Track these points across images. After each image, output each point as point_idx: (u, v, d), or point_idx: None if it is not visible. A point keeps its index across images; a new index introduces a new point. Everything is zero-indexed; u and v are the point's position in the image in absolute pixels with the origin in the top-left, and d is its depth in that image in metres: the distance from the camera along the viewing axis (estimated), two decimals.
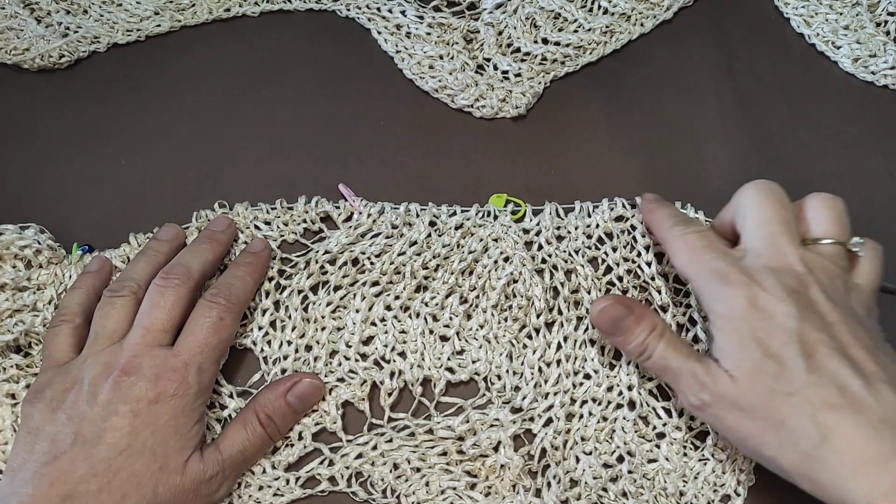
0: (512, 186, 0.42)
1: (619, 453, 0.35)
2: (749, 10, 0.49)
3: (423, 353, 0.37)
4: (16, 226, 0.39)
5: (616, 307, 0.34)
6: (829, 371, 0.29)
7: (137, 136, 0.45)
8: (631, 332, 0.33)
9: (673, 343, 0.33)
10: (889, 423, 0.27)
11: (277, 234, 0.40)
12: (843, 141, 0.44)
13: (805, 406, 0.28)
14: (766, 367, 0.29)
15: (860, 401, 0.28)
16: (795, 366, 0.29)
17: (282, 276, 0.39)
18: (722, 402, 0.30)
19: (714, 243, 0.34)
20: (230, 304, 0.35)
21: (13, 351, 0.37)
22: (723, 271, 0.32)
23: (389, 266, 0.38)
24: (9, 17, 0.47)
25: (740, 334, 0.30)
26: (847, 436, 0.28)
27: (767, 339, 0.30)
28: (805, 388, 0.29)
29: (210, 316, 0.34)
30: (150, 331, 0.34)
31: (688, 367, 0.32)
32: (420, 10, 0.48)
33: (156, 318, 0.34)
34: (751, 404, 0.30)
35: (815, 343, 0.29)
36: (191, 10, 0.49)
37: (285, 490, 0.35)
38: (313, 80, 0.47)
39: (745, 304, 0.30)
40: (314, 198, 0.41)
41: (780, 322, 0.30)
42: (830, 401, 0.28)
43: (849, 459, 0.27)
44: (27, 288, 0.38)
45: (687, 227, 0.35)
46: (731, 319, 0.31)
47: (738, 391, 0.30)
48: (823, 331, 0.30)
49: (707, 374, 0.31)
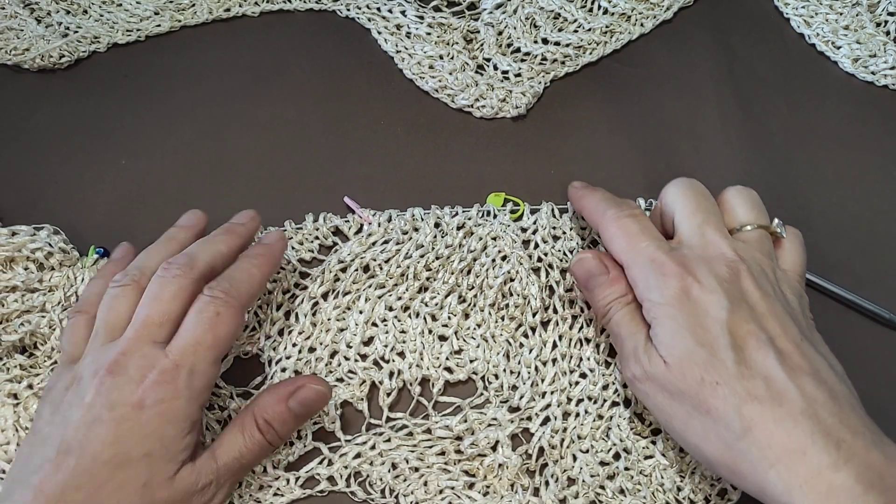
0: (512, 186, 0.42)
1: (615, 450, 0.36)
2: (749, 10, 0.49)
3: (422, 353, 0.37)
4: (30, 227, 0.39)
5: (595, 262, 0.35)
6: (756, 363, 0.29)
7: (137, 136, 0.45)
8: (602, 290, 0.34)
9: (631, 314, 0.33)
10: (809, 415, 0.28)
11: (294, 255, 0.40)
12: (843, 141, 0.44)
13: (731, 397, 0.29)
14: (696, 357, 0.30)
15: (783, 393, 0.29)
16: (725, 357, 0.30)
17: (297, 288, 0.39)
18: (654, 383, 0.31)
19: (649, 229, 0.34)
20: (229, 297, 0.32)
21: (18, 351, 0.37)
22: (658, 261, 0.32)
23: (396, 269, 0.39)
24: (9, 17, 0.47)
25: (674, 323, 0.31)
26: (768, 428, 0.28)
27: (699, 330, 0.30)
28: (732, 380, 0.29)
29: (206, 311, 0.31)
30: (145, 325, 0.31)
31: (633, 341, 0.33)
32: (420, 10, 0.48)
33: (152, 311, 0.31)
34: (680, 390, 0.30)
35: (745, 335, 0.30)
36: (191, 10, 0.49)
37: (285, 490, 0.35)
38: (313, 79, 0.47)
39: (678, 294, 0.31)
40: (321, 214, 0.41)
41: (713, 313, 0.30)
42: (755, 392, 0.29)
43: (769, 451, 0.28)
44: (38, 290, 0.38)
45: (621, 209, 0.35)
46: (665, 308, 0.31)
47: (670, 376, 0.30)
48: (753, 321, 0.30)
49: (646, 352, 0.32)
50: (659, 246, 0.33)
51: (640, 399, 0.33)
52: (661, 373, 0.31)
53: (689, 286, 0.31)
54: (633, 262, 0.33)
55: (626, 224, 0.34)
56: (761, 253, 0.33)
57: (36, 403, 0.36)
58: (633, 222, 0.34)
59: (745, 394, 0.29)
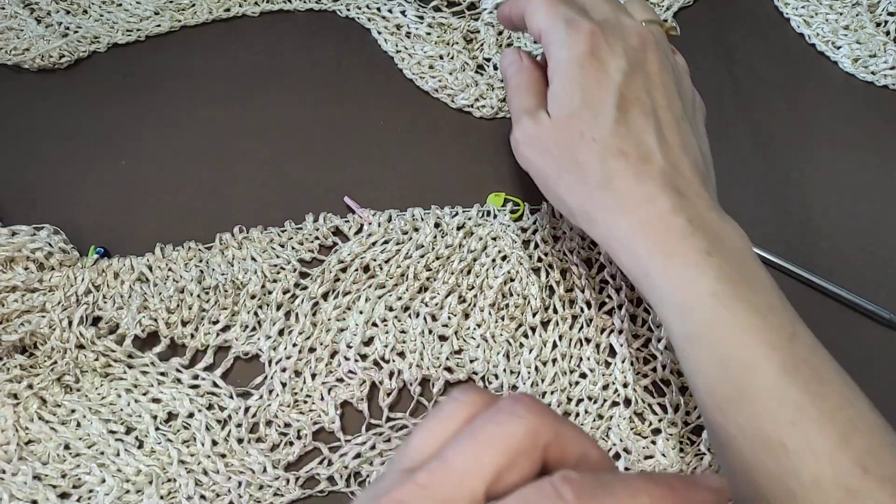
0: (512, 186, 0.42)
1: (615, 450, 0.36)
2: (749, 10, 0.49)
3: (422, 353, 0.37)
4: (30, 227, 0.39)
5: (513, 53, 0.37)
6: (635, 126, 0.32)
7: (137, 137, 0.45)
8: (512, 69, 0.36)
9: (530, 81, 0.35)
10: (666, 175, 0.31)
11: (294, 255, 0.40)
12: (843, 141, 0.44)
13: (603, 151, 0.31)
14: (583, 114, 0.32)
15: (650, 155, 0.31)
16: (608, 115, 0.32)
17: (297, 288, 0.39)
18: (536, 143, 0.33)
19: (574, 2, 0.35)
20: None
21: (18, 351, 0.37)
22: (575, 21, 0.33)
23: (396, 269, 0.39)
24: (9, 17, 0.47)
25: (572, 80, 0.32)
26: (628, 180, 0.31)
27: (593, 89, 0.32)
28: (608, 136, 0.31)
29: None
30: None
31: (525, 103, 0.34)
32: (420, 10, 0.48)
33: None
34: (559, 145, 0.32)
35: (633, 100, 0.32)
36: (191, 10, 0.49)
37: (285, 490, 0.35)
38: (313, 79, 0.47)
39: (585, 50, 0.32)
40: (321, 214, 0.41)
41: (610, 74, 0.32)
42: (625, 150, 0.31)
43: (624, 199, 0.31)
44: (38, 290, 0.38)
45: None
46: (568, 64, 0.33)
47: (553, 131, 0.33)
48: (644, 90, 0.32)
49: (534, 114, 0.34)
50: (579, 12, 0.34)
51: (522, 163, 0.35)
52: (545, 130, 0.33)
53: (597, 46, 0.33)
54: (550, 25, 0.34)
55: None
56: (664, 42, 0.35)
57: (36, 403, 0.36)
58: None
59: (617, 150, 0.31)
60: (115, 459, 0.35)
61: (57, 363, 0.36)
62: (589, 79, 0.32)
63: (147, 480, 0.34)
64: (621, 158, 0.31)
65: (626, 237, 0.30)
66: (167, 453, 0.35)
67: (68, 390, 0.36)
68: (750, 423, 0.27)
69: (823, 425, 0.26)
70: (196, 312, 0.38)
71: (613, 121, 0.31)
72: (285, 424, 0.36)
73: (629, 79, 0.32)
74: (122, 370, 0.37)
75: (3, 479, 0.34)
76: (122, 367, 0.37)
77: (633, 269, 0.31)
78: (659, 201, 0.30)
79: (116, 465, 0.35)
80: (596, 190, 0.31)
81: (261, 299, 0.38)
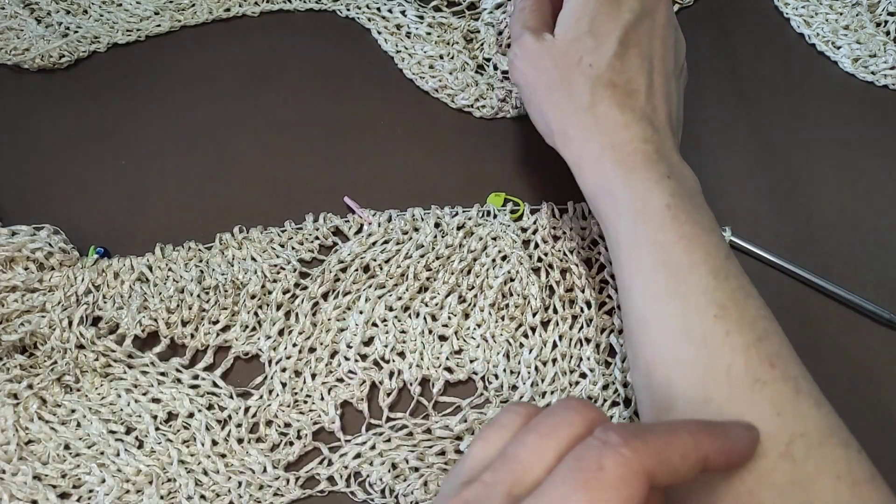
0: (512, 186, 0.42)
1: None
2: (749, 10, 0.49)
3: (422, 353, 0.37)
4: (30, 227, 0.39)
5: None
6: (630, 64, 0.34)
7: (137, 137, 0.45)
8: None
9: (538, 8, 0.37)
10: (646, 111, 0.33)
11: (294, 255, 0.40)
12: (843, 141, 0.44)
13: (596, 79, 0.33)
14: (586, 41, 0.34)
15: (636, 92, 0.33)
16: (609, 48, 0.34)
17: (297, 288, 0.39)
18: (535, 58, 0.35)
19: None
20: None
21: (18, 351, 0.37)
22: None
23: (396, 269, 0.39)
24: (9, 17, 0.47)
25: (585, 8, 0.34)
26: (611, 107, 0.33)
27: (603, 21, 0.34)
28: (604, 67, 0.33)
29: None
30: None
31: (530, 23, 0.36)
32: (420, 10, 0.48)
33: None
34: (556, 65, 0.34)
35: (635, 42, 0.34)
36: (191, 10, 0.49)
37: (285, 490, 0.35)
38: (313, 79, 0.47)
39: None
40: (321, 214, 0.41)
41: (622, 11, 0.34)
42: (616, 81, 0.33)
43: (603, 123, 0.33)
44: (38, 290, 0.38)
45: None
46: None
47: (553, 51, 0.34)
48: (647, 37, 0.34)
49: (539, 32, 0.35)
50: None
51: (513, 76, 0.36)
52: (546, 48, 0.35)
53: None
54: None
55: None
56: (671, 6, 0.37)
57: (36, 403, 0.36)
58: None
59: (608, 80, 0.33)
60: (115, 459, 0.35)
61: (57, 363, 0.36)
62: (602, 10, 0.34)
63: (147, 480, 0.34)
64: (610, 88, 0.33)
65: (597, 156, 0.33)
66: (167, 453, 0.35)
67: (68, 390, 0.37)
68: (676, 316, 0.29)
69: (742, 326, 0.28)
70: (196, 312, 0.38)
71: (613, 54, 0.33)
72: (285, 424, 0.36)
73: (638, 21, 0.34)
74: (122, 370, 0.37)
75: (3, 479, 0.34)
76: (122, 367, 0.37)
77: (597, 185, 0.33)
78: (633, 129, 0.33)
79: (116, 465, 0.35)
80: (580, 111, 0.33)
81: (261, 299, 0.38)
